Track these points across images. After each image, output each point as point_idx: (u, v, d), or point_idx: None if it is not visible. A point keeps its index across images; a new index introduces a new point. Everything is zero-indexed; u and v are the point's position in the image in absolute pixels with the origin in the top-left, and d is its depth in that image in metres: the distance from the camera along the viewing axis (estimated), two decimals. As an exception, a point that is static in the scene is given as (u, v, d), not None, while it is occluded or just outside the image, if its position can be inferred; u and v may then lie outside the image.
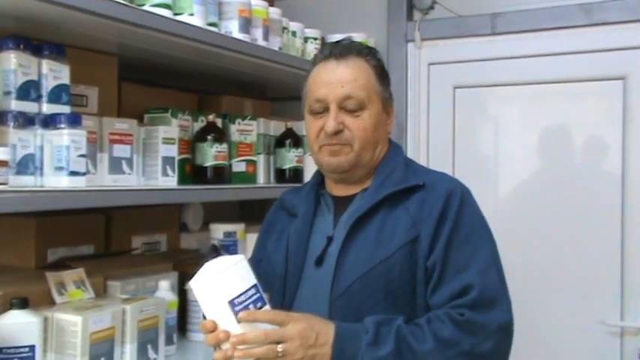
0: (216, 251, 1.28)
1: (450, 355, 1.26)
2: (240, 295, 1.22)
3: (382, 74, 1.48)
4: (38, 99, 1.51)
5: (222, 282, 1.22)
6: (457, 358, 1.26)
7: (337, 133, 1.41)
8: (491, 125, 2.76)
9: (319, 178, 1.56)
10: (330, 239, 1.43)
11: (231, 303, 1.21)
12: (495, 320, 1.30)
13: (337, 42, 1.51)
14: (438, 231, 1.35)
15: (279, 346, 1.21)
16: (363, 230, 1.39)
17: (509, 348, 1.35)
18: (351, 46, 1.47)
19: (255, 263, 1.55)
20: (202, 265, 1.26)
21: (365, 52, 1.48)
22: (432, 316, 1.30)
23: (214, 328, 1.23)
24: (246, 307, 1.22)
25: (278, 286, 1.43)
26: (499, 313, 1.32)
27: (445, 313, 1.30)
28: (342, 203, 1.48)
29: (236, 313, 1.21)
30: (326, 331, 1.26)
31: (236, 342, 1.20)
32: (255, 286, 1.25)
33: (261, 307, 1.24)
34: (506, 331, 1.33)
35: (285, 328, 1.23)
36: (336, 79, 1.42)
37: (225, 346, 1.22)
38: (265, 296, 1.27)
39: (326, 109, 1.42)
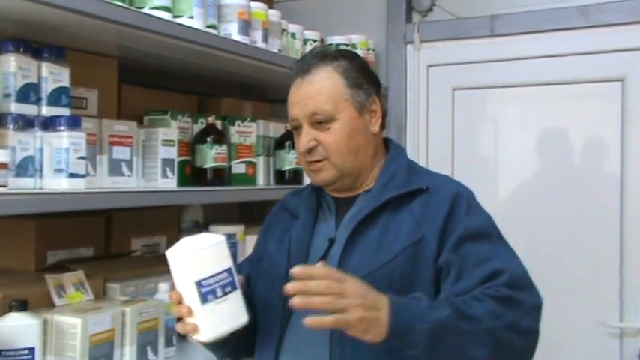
0: (197, 226, 1.28)
1: (497, 325, 1.23)
2: (210, 277, 1.22)
3: (354, 76, 1.44)
4: (38, 101, 1.51)
5: (195, 261, 1.22)
6: (503, 330, 1.24)
7: (310, 150, 1.41)
8: (490, 127, 2.76)
9: None
10: (332, 241, 1.42)
11: (199, 284, 1.21)
12: (529, 298, 1.30)
13: (305, 54, 1.49)
14: (448, 230, 1.35)
15: (343, 300, 1.15)
16: (365, 232, 1.39)
17: (540, 328, 1.33)
18: (316, 55, 1.45)
19: (256, 262, 1.56)
20: (182, 237, 1.27)
21: (331, 56, 1.44)
22: (469, 296, 1.27)
23: (180, 301, 1.24)
24: (213, 290, 1.22)
25: (279, 288, 1.42)
26: (530, 294, 1.32)
27: (481, 292, 1.27)
28: (343, 205, 1.47)
29: (201, 294, 1.21)
30: (381, 297, 1.20)
31: (296, 290, 1.15)
32: (228, 270, 1.25)
33: (229, 292, 1.24)
34: (539, 309, 1.32)
35: (345, 284, 1.17)
36: (301, 98, 1.42)
37: (188, 319, 1.23)
38: (238, 281, 1.26)
39: (300, 127, 1.43)
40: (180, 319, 1.26)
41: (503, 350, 1.25)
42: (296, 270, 1.16)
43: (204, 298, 1.21)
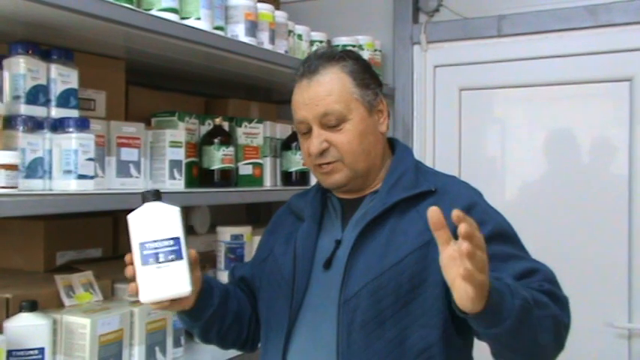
0: (157, 195, 1.30)
1: (556, 314, 1.25)
2: (154, 241, 1.24)
3: (361, 76, 1.43)
4: (47, 103, 1.52)
5: (143, 224, 1.26)
6: (557, 320, 1.26)
7: (323, 152, 1.40)
8: (497, 127, 2.76)
9: None
10: (338, 242, 1.42)
11: (142, 245, 1.24)
12: (566, 297, 1.33)
13: (309, 56, 1.48)
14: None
15: (478, 252, 1.06)
16: (373, 234, 1.38)
17: None
18: (321, 57, 1.44)
19: (260, 262, 1.55)
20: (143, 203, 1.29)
21: (337, 57, 1.43)
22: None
23: (131, 262, 1.25)
24: (154, 254, 1.24)
25: (286, 289, 1.43)
26: (562, 291, 1.34)
27: (526, 284, 1.25)
28: (350, 206, 1.47)
29: (143, 256, 1.23)
30: None
31: (468, 233, 1.04)
32: (175, 239, 1.27)
33: (172, 260, 1.25)
34: (570, 309, 1.34)
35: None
36: (310, 99, 1.40)
37: (137, 280, 1.24)
38: (186, 252, 1.27)
39: (310, 130, 1.41)
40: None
41: (557, 339, 1.27)
42: (463, 228, 1.05)
43: (145, 260, 1.24)
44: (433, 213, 1.09)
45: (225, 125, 2.16)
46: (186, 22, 1.75)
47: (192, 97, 2.41)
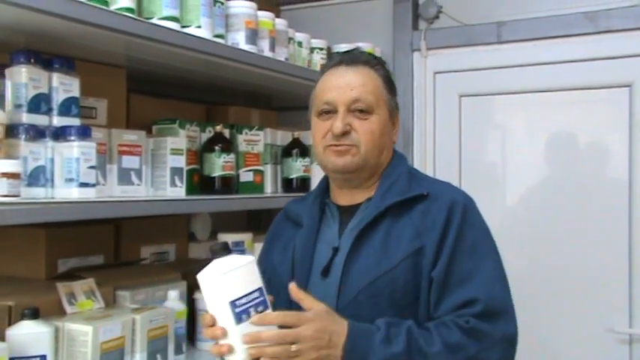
0: (227, 249, 1.29)
1: (456, 357, 1.27)
2: (243, 297, 1.23)
3: (389, 84, 1.51)
4: (49, 112, 1.53)
5: (227, 281, 1.24)
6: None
7: (344, 134, 1.42)
8: (497, 133, 2.76)
9: (324, 187, 1.56)
10: (335, 250, 1.43)
11: (232, 304, 1.22)
12: (500, 330, 1.32)
13: (347, 51, 1.54)
14: (442, 242, 1.36)
15: (293, 346, 1.21)
16: (368, 240, 1.39)
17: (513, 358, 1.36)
18: (360, 55, 1.51)
19: (261, 273, 1.56)
20: (212, 260, 1.28)
21: (373, 62, 1.50)
22: (438, 323, 1.31)
23: (213, 323, 1.26)
24: (246, 310, 1.23)
25: (284, 297, 1.43)
26: (504, 324, 1.33)
27: (451, 320, 1.31)
28: (347, 213, 1.48)
29: (235, 314, 1.22)
30: (339, 331, 1.25)
31: (250, 340, 1.20)
32: (259, 289, 1.26)
33: (262, 311, 1.25)
34: (511, 343, 1.34)
35: (299, 329, 1.23)
36: (346, 84, 1.44)
37: (222, 341, 1.24)
38: (269, 300, 1.28)
39: (334, 112, 1.44)
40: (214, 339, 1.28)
41: None
42: (254, 319, 1.22)
43: (238, 318, 1.23)
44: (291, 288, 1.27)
45: (226, 132, 2.17)
46: (186, 30, 1.75)
47: (193, 105, 2.41)
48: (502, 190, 2.71)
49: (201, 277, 1.26)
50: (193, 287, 2.02)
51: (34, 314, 1.49)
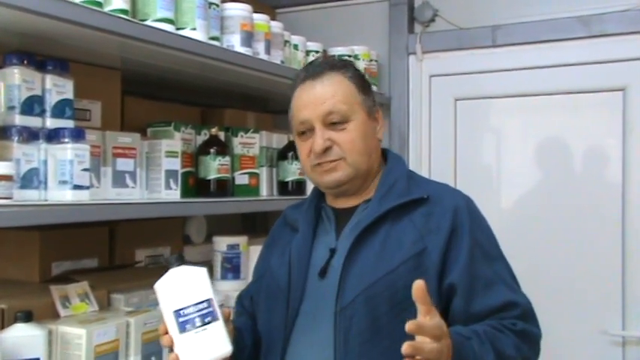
0: (181, 259, 1.30)
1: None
2: (188, 307, 1.25)
3: (361, 83, 1.48)
4: (42, 114, 1.52)
5: (173, 291, 1.26)
6: None
7: (326, 150, 1.41)
8: (492, 137, 2.77)
9: (319, 191, 1.56)
10: (333, 251, 1.43)
11: (177, 313, 1.24)
12: (538, 333, 1.39)
13: (311, 62, 1.53)
14: (453, 245, 1.36)
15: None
16: (367, 242, 1.39)
17: None
18: (324, 63, 1.49)
19: (259, 278, 1.56)
20: (167, 270, 1.30)
21: (339, 65, 1.48)
22: (490, 326, 1.32)
23: (166, 331, 1.27)
24: (191, 320, 1.24)
25: (282, 300, 1.43)
26: (537, 327, 1.40)
27: (499, 323, 1.33)
28: (343, 215, 1.48)
29: (179, 323, 1.24)
30: (448, 344, 1.20)
31: (412, 351, 1.13)
32: (207, 300, 1.27)
33: (209, 322, 1.26)
34: (539, 343, 1.40)
35: (441, 339, 1.17)
36: (316, 98, 1.42)
37: (175, 349, 1.25)
38: (219, 312, 1.28)
39: (311, 130, 1.43)
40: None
41: None
42: (410, 326, 1.15)
43: (182, 328, 1.24)
44: (418, 287, 1.17)
45: (222, 135, 2.17)
46: (181, 32, 1.75)
47: (188, 107, 2.41)
48: (497, 193, 2.71)
49: (156, 286, 1.29)
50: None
51: (28, 317, 1.48)
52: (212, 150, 2.05)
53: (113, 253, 2.11)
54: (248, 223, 2.86)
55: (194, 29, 1.77)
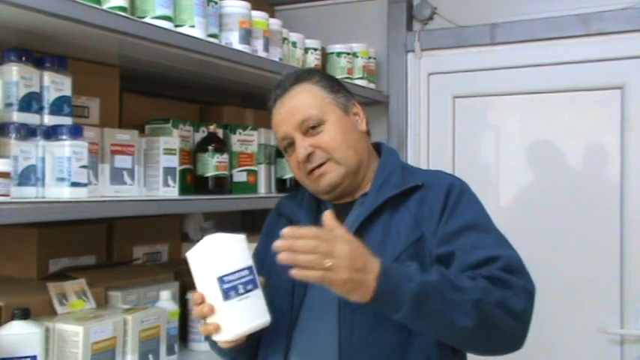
0: (216, 228, 1.28)
1: (485, 300, 1.23)
2: (231, 273, 1.23)
3: (329, 84, 1.51)
4: (40, 110, 1.52)
5: (216, 257, 1.23)
6: (492, 306, 1.24)
7: (309, 156, 1.44)
8: (490, 134, 2.77)
9: None
10: None
11: (221, 279, 1.21)
12: (521, 282, 1.30)
13: (278, 81, 1.53)
14: (442, 223, 1.37)
15: (327, 260, 1.16)
16: (367, 234, 1.40)
17: (532, 315, 1.33)
18: (289, 77, 1.51)
19: (259, 269, 1.56)
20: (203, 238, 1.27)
21: (303, 75, 1.52)
22: (461, 274, 1.29)
23: (202, 301, 1.25)
24: (234, 287, 1.22)
25: (286, 293, 1.43)
26: (523, 280, 1.32)
27: (473, 273, 1.28)
28: (343, 210, 1.49)
29: (224, 290, 1.21)
30: (372, 259, 1.21)
31: (284, 246, 1.16)
32: (249, 268, 1.26)
33: (251, 290, 1.24)
34: (532, 295, 1.32)
35: (335, 245, 1.18)
36: (288, 112, 1.46)
37: (209, 319, 1.23)
38: (259, 280, 1.27)
39: (294, 143, 1.46)
40: (202, 318, 1.27)
41: (490, 325, 1.25)
42: (285, 230, 1.18)
43: (226, 295, 1.21)
44: (294, 273, 1.17)
45: (220, 132, 2.16)
46: (180, 29, 1.75)
47: (187, 104, 2.41)
48: (495, 191, 2.71)
49: (191, 253, 1.25)
50: (186, 287, 2.02)
51: (25, 314, 1.48)
52: (210, 147, 2.05)
53: (111, 251, 2.11)
54: (246, 220, 2.86)
55: (192, 26, 1.77)
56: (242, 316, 1.24)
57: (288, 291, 1.43)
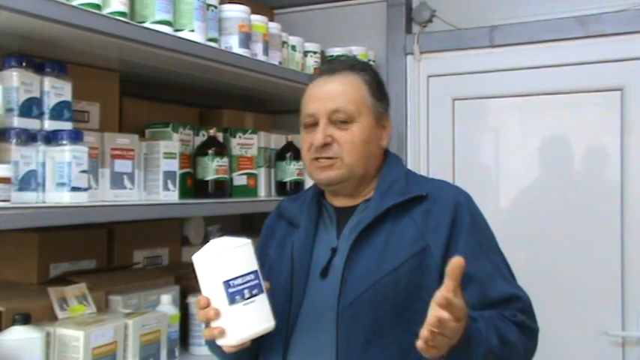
0: (222, 230, 1.28)
1: (521, 353, 1.33)
2: (237, 277, 1.22)
3: (377, 89, 1.49)
4: (40, 116, 1.52)
5: (222, 261, 1.23)
6: (523, 354, 1.34)
7: (325, 146, 1.42)
8: (490, 136, 2.77)
9: (319, 188, 1.56)
10: (334, 251, 1.43)
11: (227, 283, 1.21)
12: (536, 327, 1.40)
13: (334, 59, 1.53)
14: (453, 242, 1.37)
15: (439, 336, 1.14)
16: (368, 241, 1.39)
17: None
18: (344, 62, 1.51)
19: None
20: (208, 242, 1.27)
21: (358, 67, 1.50)
22: (496, 315, 1.32)
23: (207, 304, 1.25)
24: (240, 291, 1.22)
25: (284, 297, 1.43)
26: (535, 322, 1.40)
27: (499, 313, 1.33)
28: (344, 214, 1.48)
29: (229, 294, 1.21)
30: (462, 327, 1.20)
31: (435, 323, 1.12)
32: (255, 272, 1.26)
33: (256, 294, 1.24)
34: (537, 336, 1.41)
35: (458, 324, 1.15)
36: (326, 94, 1.44)
37: (214, 324, 1.23)
38: (264, 285, 1.27)
39: (317, 123, 1.44)
40: (207, 325, 1.27)
41: None
42: (438, 299, 1.12)
43: (231, 299, 1.21)
44: (459, 262, 1.14)
45: (220, 136, 2.17)
46: (180, 34, 1.75)
47: (187, 108, 2.41)
48: (495, 193, 2.71)
49: (197, 257, 1.25)
50: (186, 291, 2.02)
51: (26, 319, 1.48)
52: (210, 151, 2.05)
53: (111, 255, 2.11)
54: (246, 223, 2.86)
55: (192, 31, 1.78)
56: (247, 320, 1.24)
57: (285, 296, 1.43)
